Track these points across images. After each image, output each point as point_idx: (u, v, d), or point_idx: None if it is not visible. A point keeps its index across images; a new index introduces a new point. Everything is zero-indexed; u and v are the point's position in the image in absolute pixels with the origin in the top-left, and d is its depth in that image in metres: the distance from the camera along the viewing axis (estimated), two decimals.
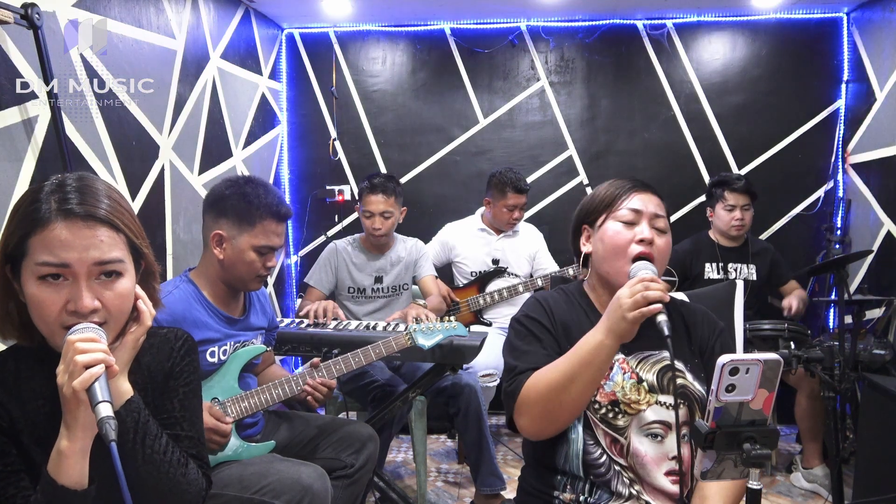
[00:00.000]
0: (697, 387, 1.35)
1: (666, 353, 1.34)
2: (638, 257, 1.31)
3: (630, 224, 1.35)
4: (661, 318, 1.19)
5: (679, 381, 1.33)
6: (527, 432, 1.35)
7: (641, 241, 1.32)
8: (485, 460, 2.62)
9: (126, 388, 1.10)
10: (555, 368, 1.27)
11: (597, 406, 1.33)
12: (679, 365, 1.35)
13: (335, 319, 2.46)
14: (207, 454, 1.27)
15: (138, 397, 1.12)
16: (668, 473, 1.31)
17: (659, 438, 1.32)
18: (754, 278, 3.16)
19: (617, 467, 1.32)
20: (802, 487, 2.90)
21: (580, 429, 1.33)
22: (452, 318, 2.06)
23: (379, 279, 2.89)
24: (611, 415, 1.32)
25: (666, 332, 1.17)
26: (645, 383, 1.34)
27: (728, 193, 3.07)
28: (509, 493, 2.68)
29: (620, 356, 1.34)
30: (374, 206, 2.77)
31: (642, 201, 1.36)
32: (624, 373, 1.34)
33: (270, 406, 1.82)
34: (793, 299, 3.10)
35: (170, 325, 1.29)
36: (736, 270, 3.16)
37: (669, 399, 1.32)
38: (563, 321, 1.39)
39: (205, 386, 1.69)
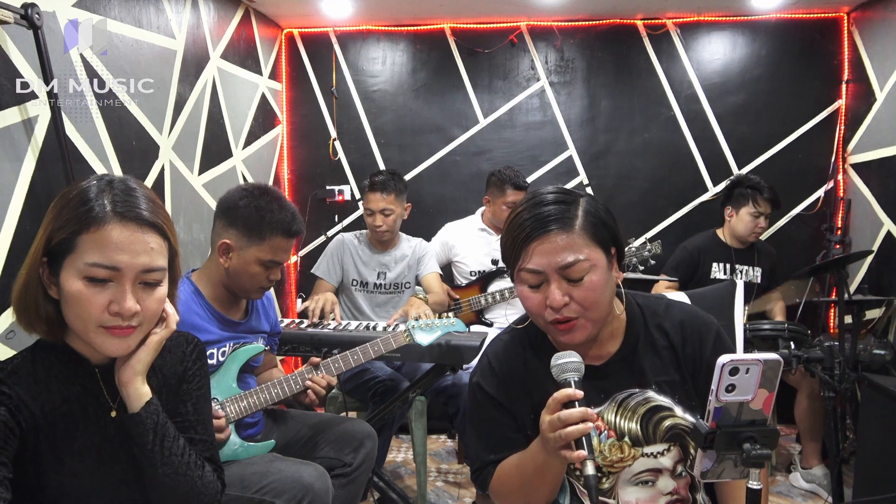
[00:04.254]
0: (689, 419, 1.20)
1: (650, 393, 1.21)
2: (555, 322, 1.16)
3: (536, 287, 1.16)
4: (588, 470, 0.99)
5: (667, 422, 1.21)
6: None
7: (552, 308, 1.14)
8: None
9: (145, 391, 1.11)
10: (512, 476, 1.20)
11: (578, 474, 1.23)
12: (665, 401, 1.21)
13: (334, 319, 2.46)
14: (220, 457, 1.28)
15: (156, 399, 1.13)
16: None
17: (650, 483, 1.22)
18: (759, 280, 3.17)
19: None
20: (801, 487, 2.90)
21: (567, 497, 1.26)
22: (451, 314, 2.06)
23: (382, 275, 2.92)
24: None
25: (591, 483, 0.98)
26: (627, 438, 1.20)
27: (761, 200, 3.05)
28: None
29: (592, 413, 1.06)
30: (373, 204, 2.81)
31: (543, 255, 1.13)
32: (600, 433, 1.21)
33: (269, 405, 1.82)
34: (779, 314, 3.22)
35: None
36: (743, 272, 3.16)
37: (657, 448, 1.21)
38: (522, 383, 1.24)
39: None
